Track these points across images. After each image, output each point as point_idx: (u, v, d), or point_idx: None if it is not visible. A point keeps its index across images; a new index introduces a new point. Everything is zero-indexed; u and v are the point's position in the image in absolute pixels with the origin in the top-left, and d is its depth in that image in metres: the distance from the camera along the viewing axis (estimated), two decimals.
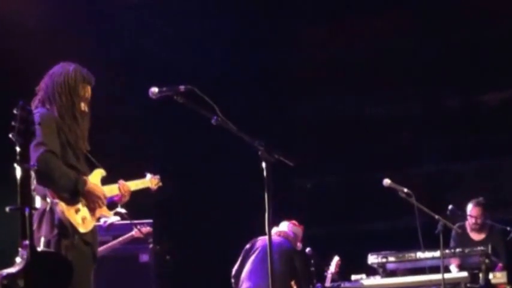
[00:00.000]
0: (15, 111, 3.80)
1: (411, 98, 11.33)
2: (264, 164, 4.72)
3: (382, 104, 11.40)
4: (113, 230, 7.71)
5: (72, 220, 4.73)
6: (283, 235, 7.78)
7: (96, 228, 5.00)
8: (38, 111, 4.78)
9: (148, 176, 5.59)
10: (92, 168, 5.10)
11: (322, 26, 11.10)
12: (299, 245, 8.00)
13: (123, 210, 5.59)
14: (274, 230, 7.80)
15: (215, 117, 4.70)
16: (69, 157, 4.86)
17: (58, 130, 4.83)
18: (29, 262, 3.81)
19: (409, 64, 10.86)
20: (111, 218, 5.55)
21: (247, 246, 7.82)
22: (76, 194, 4.78)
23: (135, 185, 5.35)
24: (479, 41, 10.59)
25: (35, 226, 4.62)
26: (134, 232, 7.86)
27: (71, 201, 4.77)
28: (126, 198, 5.21)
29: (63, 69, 5.02)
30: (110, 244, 7.89)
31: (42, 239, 4.62)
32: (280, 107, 11.24)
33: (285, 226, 7.89)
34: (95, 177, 5.03)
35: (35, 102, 4.98)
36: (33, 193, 4.49)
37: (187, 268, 9.40)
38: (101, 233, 7.99)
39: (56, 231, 4.68)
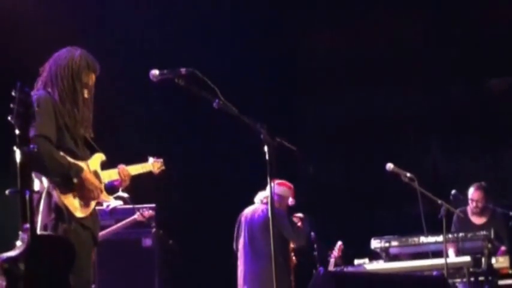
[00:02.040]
0: (13, 93, 3.78)
1: (418, 88, 11.29)
2: (266, 148, 4.71)
3: (388, 95, 11.36)
4: (115, 214, 7.72)
5: (68, 205, 4.68)
6: (267, 201, 7.47)
7: (96, 212, 4.96)
8: (36, 93, 4.74)
9: (151, 159, 5.53)
10: (92, 153, 5.06)
11: (327, 23, 11.08)
12: (291, 201, 7.68)
13: (125, 195, 5.58)
14: (262, 195, 7.67)
15: (217, 101, 4.68)
16: (67, 141, 4.80)
17: (56, 114, 4.77)
18: (29, 245, 3.80)
19: (413, 57, 10.83)
20: (114, 202, 5.53)
21: (237, 225, 7.78)
22: (69, 180, 4.70)
23: (135, 169, 5.28)
24: (486, 29, 10.56)
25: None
26: (137, 216, 7.87)
27: (63, 187, 4.69)
28: (127, 183, 5.15)
29: (68, 53, 4.94)
30: (112, 228, 7.89)
31: (40, 223, 4.58)
32: (284, 101, 11.20)
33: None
34: (95, 162, 4.97)
35: (37, 84, 4.93)
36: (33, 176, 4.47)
37: (191, 253, 9.39)
38: (103, 217, 8.00)
39: (53, 215, 4.65)
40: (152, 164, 5.51)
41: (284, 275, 7.45)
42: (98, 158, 5.01)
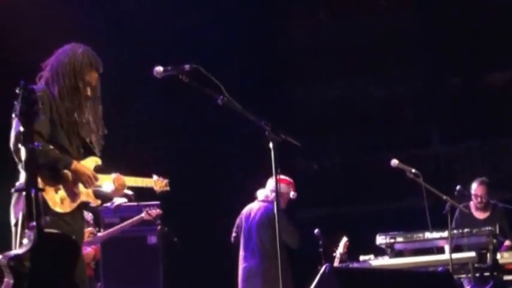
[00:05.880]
0: (17, 91, 3.75)
1: (417, 78, 11.27)
2: (271, 144, 4.70)
3: (388, 84, 11.35)
4: (120, 212, 7.75)
5: (48, 199, 4.54)
6: (266, 198, 7.55)
7: (82, 216, 4.88)
8: (34, 86, 4.65)
9: (155, 177, 5.41)
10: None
11: (323, 5, 11.06)
12: (293, 195, 7.58)
13: (130, 192, 5.55)
14: (262, 193, 7.66)
15: (221, 97, 4.67)
16: (61, 138, 4.71)
17: (51, 107, 4.69)
18: (35, 243, 3.80)
19: (414, 43, 10.80)
20: (118, 200, 5.51)
21: (236, 223, 7.76)
22: (56, 172, 4.60)
23: (134, 181, 5.14)
24: (485, 20, 10.53)
25: (13, 202, 4.56)
26: (144, 214, 7.88)
27: (50, 179, 4.58)
28: (121, 192, 5.02)
29: (71, 50, 4.86)
30: (119, 226, 7.91)
31: (12, 217, 4.52)
32: (284, 87, 11.18)
33: (270, 185, 7.49)
34: (88, 164, 4.85)
35: (39, 79, 4.83)
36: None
37: (195, 250, 9.40)
38: (108, 215, 8.05)
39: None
40: (155, 182, 5.37)
41: (285, 272, 7.42)
42: (93, 161, 4.89)
